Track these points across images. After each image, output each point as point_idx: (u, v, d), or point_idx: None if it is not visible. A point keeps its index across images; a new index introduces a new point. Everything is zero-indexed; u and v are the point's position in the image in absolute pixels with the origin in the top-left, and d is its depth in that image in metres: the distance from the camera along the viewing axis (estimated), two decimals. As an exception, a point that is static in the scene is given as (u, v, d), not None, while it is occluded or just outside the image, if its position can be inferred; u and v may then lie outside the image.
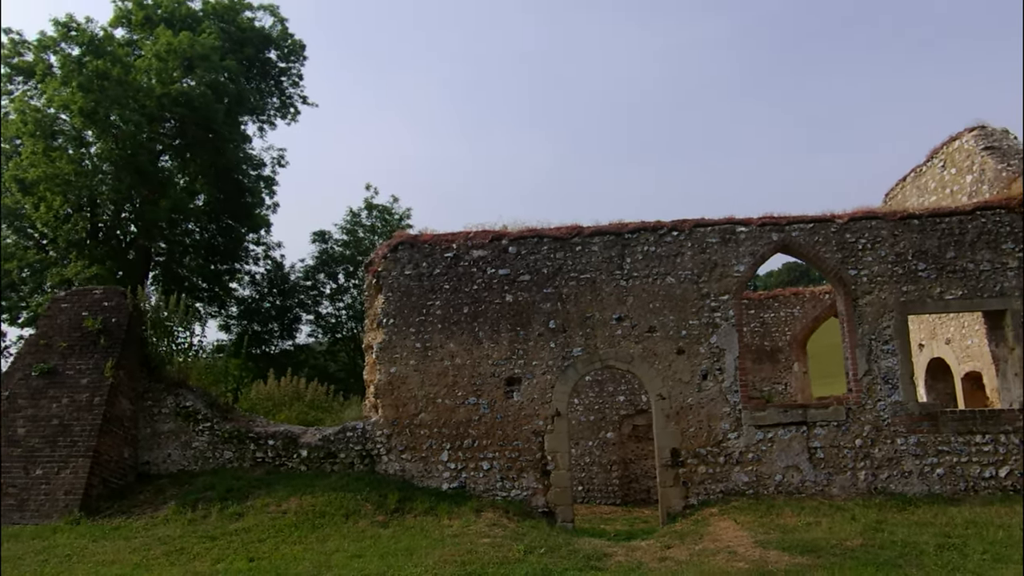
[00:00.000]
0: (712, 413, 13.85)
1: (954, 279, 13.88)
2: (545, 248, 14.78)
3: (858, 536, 10.79)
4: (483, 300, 14.63)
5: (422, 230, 15.45)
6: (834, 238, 14.22)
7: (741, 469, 13.64)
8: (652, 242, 14.58)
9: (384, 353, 14.58)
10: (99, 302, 15.48)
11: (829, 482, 13.45)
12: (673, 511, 13.49)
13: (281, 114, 40.56)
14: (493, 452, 14.01)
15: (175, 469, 14.84)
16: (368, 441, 14.34)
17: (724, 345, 14.06)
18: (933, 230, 14.12)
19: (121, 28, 37.06)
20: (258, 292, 39.86)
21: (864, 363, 13.77)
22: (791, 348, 22.03)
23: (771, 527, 11.59)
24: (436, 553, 10.35)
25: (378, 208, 42.10)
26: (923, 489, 13.19)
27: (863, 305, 13.93)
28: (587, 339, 14.37)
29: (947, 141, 17.40)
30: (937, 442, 13.39)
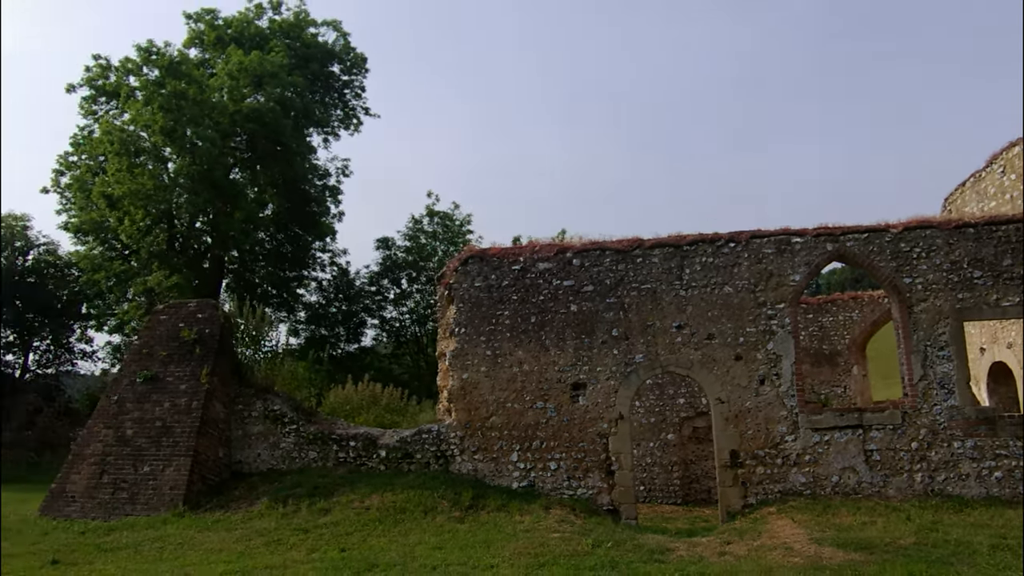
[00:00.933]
0: (769, 416, 14.44)
1: (1011, 286, 14.19)
2: (607, 260, 15.55)
3: (912, 535, 11.31)
4: (549, 310, 15.47)
5: (492, 244, 16.36)
6: (888, 247, 14.66)
7: (798, 470, 14.20)
8: (710, 253, 15.23)
9: (457, 360, 15.54)
10: (193, 314, 16.83)
11: (885, 483, 13.91)
12: (732, 510, 14.12)
13: (344, 125, 42.07)
14: (560, 453, 14.85)
15: (264, 468, 16.07)
16: (442, 443, 15.33)
17: (781, 351, 14.63)
18: (989, 238, 14.45)
19: (194, 48, 39.04)
20: (325, 298, 41.48)
21: (919, 368, 14.18)
22: (850, 351, 22.32)
23: (827, 526, 12.16)
24: (511, 546, 11.24)
25: (439, 215, 43.32)
26: (981, 492, 13.55)
27: (918, 312, 14.34)
28: (648, 346, 15.10)
29: (1007, 147, 17.60)
30: (995, 446, 13.73)
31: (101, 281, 35.91)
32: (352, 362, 37.67)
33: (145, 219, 33.73)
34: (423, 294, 42.41)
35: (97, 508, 15.10)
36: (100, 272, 35.62)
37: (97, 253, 36.74)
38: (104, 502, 15.18)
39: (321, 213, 39.54)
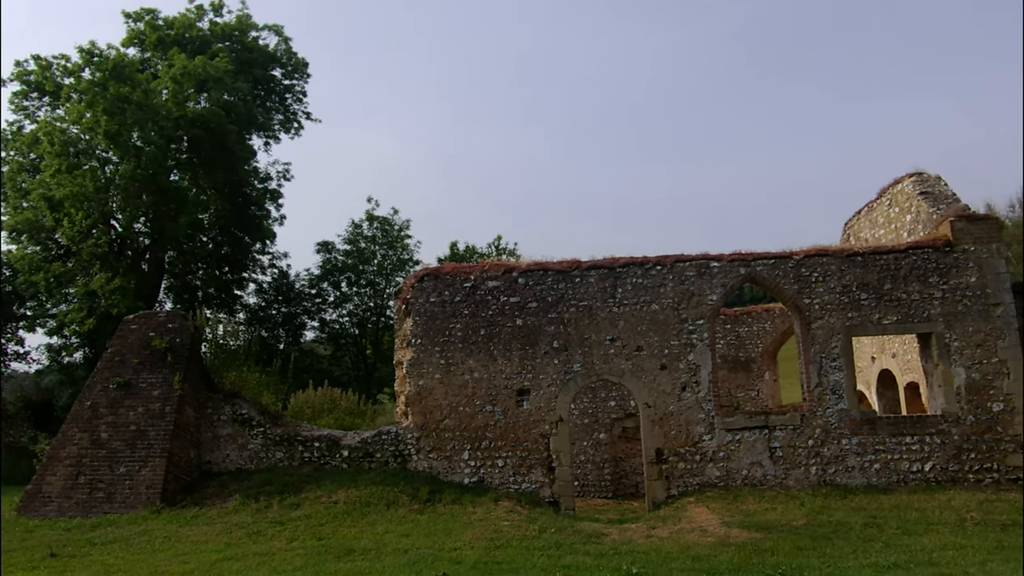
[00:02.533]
0: (690, 419, 16.57)
1: (891, 307, 16.67)
2: (549, 279, 17.44)
3: (803, 518, 13.58)
4: (497, 323, 17.26)
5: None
6: (792, 272, 16.99)
7: (714, 465, 16.37)
8: (639, 275, 17.27)
9: (413, 368, 17.19)
10: (164, 324, 17.99)
11: (786, 475, 16.20)
12: (657, 500, 16.20)
13: (285, 129, 42.85)
14: (507, 452, 16.67)
15: (233, 467, 17.38)
16: (400, 443, 16.96)
17: (700, 362, 16.77)
18: (874, 265, 16.90)
19: (133, 47, 39.24)
20: (265, 300, 42.31)
21: (816, 377, 16.54)
22: (762, 359, 24.84)
23: (736, 511, 14.34)
24: (469, 532, 13.01)
25: (379, 219, 44.63)
26: (863, 481, 15.96)
27: (815, 328, 16.70)
28: (585, 356, 17.05)
29: (892, 183, 20.22)
30: (875, 442, 16.18)
31: (40, 283, 35.94)
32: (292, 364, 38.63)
33: (85, 221, 33.98)
34: (362, 297, 43.73)
35: (75, 507, 16.17)
36: (39, 274, 35.66)
37: (31, 253, 36.69)
38: (81, 501, 16.26)
39: (262, 216, 40.31)
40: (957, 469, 15.84)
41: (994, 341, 16.18)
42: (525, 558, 11.09)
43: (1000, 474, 15.67)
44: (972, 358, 16.21)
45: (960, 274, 16.55)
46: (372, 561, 11.07)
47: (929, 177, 19.11)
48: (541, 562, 10.72)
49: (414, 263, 44.07)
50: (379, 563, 10.88)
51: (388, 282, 43.55)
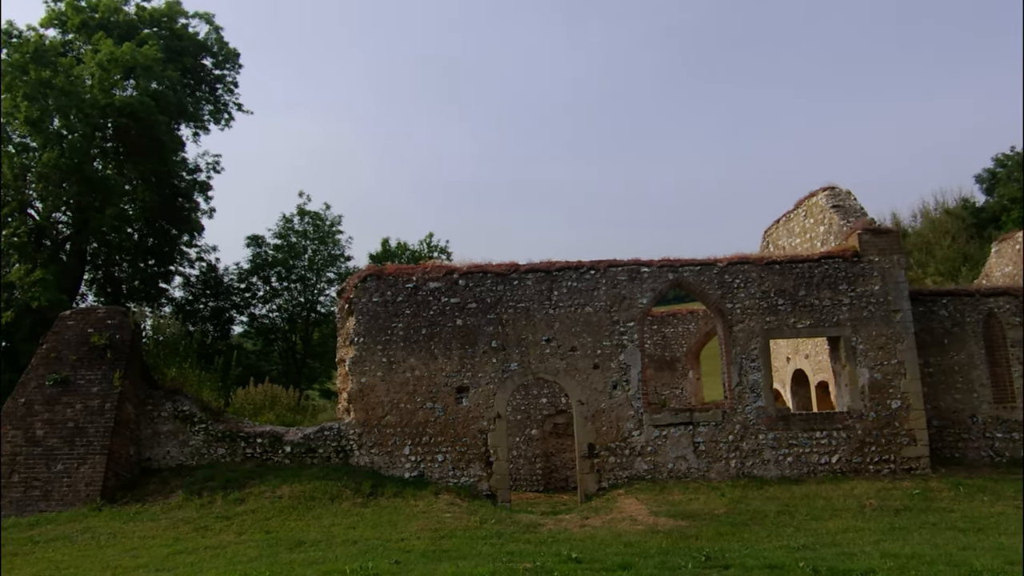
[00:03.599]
0: (620, 415, 17.57)
1: (804, 312, 18.02)
2: (489, 282, 18.16)
3: (724, 507, 14.73)
4: (438, 323, 17.89)
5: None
6: (716, 278, 18.16)
7: (642, 459, 17.41)
8: (575, 278, 18.17)
9: (356, 366, 17.67)
10: (103, 320, 17.93)
11: (708, 468, 17.37)
12: (589, 493, 17.15)
13: (215, 120, 42.18)
14: (446, 447, 17.34)
15: (174, 464, 17.52)
16: (342, 439, 17.43)
17: (630, 362, 17.79)
18: (790, 273, 18.23)
19: (53, 29, 38.00)
20: (192, 294, 41.68)
21: (736, 376, 17.76)
22: (687, 358, 26.17)
23: (663, 502, 15.40)
24: (413, 524, 13.65)
25: (310, 215, 44.47)
26: (777, 473, 17.26)
27: (736, 331, 17.92)
28: (522, 356, 17.85)
29: (808, 196, 21.70)
30: (788, 437, 17.50)
31: (-48, 273, 34.60)
32: (221, 358, 38.27)
33: (1, 210, 32.93)
34: (292, 292, 43.55)
35: (8, 506, 16.03)
36: (-48, 264, 34.32)
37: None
38: (15, 500, 16.14)
39: (191, 209, 39.70)
40: (860, 461, 17.30)
41: (894, 344, 17.71)
42: (470, 547, 11.80)
43: (896, 465, 17.20)
44: (875, 360, 17.71)
45: (866, 282, 18.03)
46: (324, 551, 11.58)
47: (841, 191, 20.62)
48: (486, 550, 11.45)
49: (345, 259, 44.18)
50: (331, 553, 11.40)
51: (319, 277, 43.53)
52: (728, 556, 10.39)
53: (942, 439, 18.61)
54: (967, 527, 12.73)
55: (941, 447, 18.45)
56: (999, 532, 12.20)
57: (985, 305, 19.31)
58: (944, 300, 19.48)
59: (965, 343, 19.12)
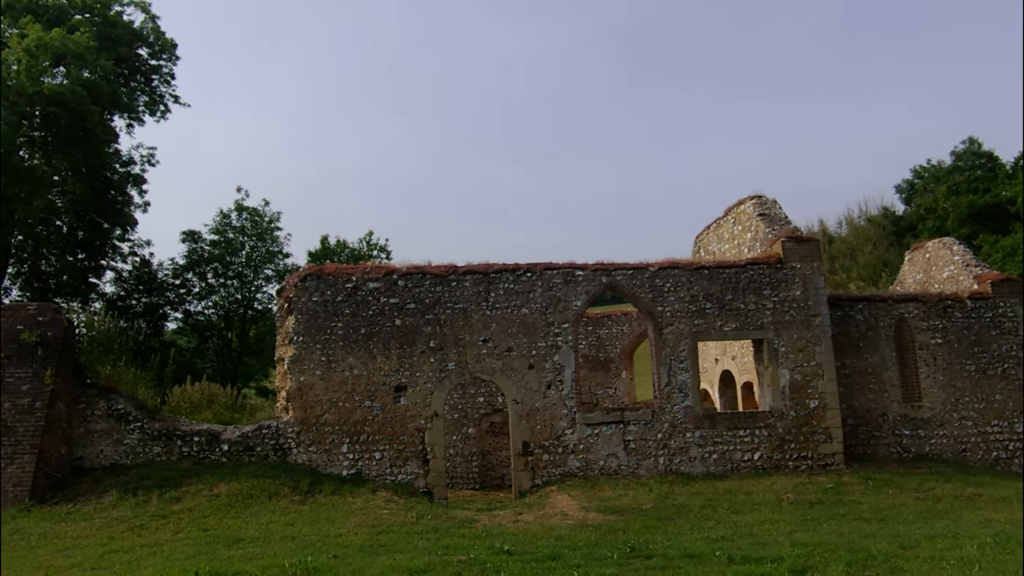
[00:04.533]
0: (554, 414, 18.14)
1: (731, 315, 18.88)
2: (427, 283, 18.52)
3: (652, 502, 15.42)
4: (377, 323, 18.18)
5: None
6: (648, 282, 18.89)
7: (575, 457, 18.01)
8: (511, 280, 18.67)
9: (295, 365, 17.82)
10: (34, 317, 17.66)
11: (638, 465, 18.07)
12: (523, 489, 17.67)
13: (151, 111, 41.33)
14: (384, 445, 17.64)
15: (107, 463, 17.38)
16: (281, 437, 17.56)
17: (564, 362, 18.37)
18: (718, 278, 19.07)
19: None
20: (124, 289, 40.81)
21: (666, 377, 18.51)
22: (621, 359, 26.95)
23: (593, 498, 16.01)
24: (351, 520, 13.94)
25: (248, 210, 44.00)
26: (703, 470, 18.07)
27: (666, 333, 18.67)
28: (459, 356, 18.26)
29: (736, 203, 22.65)
30: (714, 435, 18.32)
31: None
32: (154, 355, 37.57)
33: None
34: (229, 289, 43.03)
35: (-67, 505, 15.69)
36: None
37: None
38: (-60, 500, 15.79)
39: (124, 202, 38.90)
40: (780, 458, 18.24)
41: (813, 347, 18.71)
42: (407, 541, 12.18)
43: (814, 461, 18.19)
44: (795, 361, 18.67)
45: (788, 288, 18.98)
46: (263, 547, 11.80)
47: (767, 200, 21.61)
48: (422, 544, 11.84)
49: (284, 255, 43.86)
50: (270, 549, 11.63)
51: (257, 274, 43.12)
52: (651, 547, 11.01)
53: (856, 436, 19.73)
54: (872, 517, 13.69)
55: (855, 444, 19.55)
56: (899, 521, 13.18)
57: (897, 310, 20.52)
58: (860, 305, 20.64)
59: (878, 346, 20.30)
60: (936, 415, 20.02)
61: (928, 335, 20.32)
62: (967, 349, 20.40)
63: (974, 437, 19.96)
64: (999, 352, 20.41)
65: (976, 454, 19.84)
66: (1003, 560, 9.31)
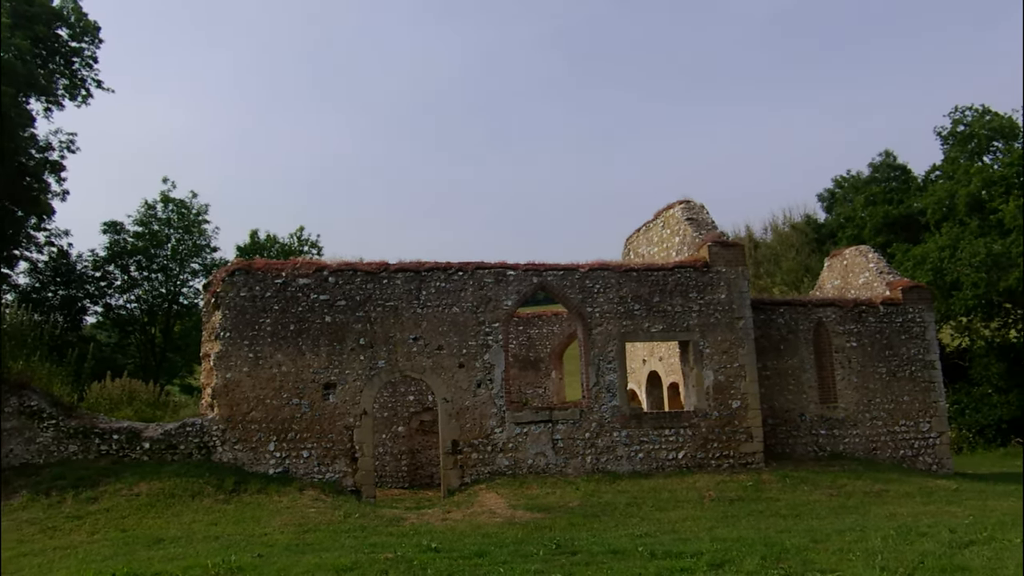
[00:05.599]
0: (484, 413, 18.25)
1: (658, 317, 19.32)
2: (359, 280, 18.40)
3: (578, 500, 15.67)
4: (306, 320, 17.96)
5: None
6: (578, 283, 19.17)
7: (503, 455, 18.16)
8: (443, 279, 18.70)
9: (221, 361, 17.47)
10: (-59, 309, 16.85)
11: (566, 464, 18.33)
12: (452, 488, 17.72)
13: (71, 95, 39.74)
14: (312, 443, 17.45)
15: (18, 463, 16.68)
16: (205, 435, 17.19)
17: (494, 361, 18.50)
18: (646, 280, 19.48)
19: None
20: (40, 281, 39.20)
21: (594, 377, 18.83)
22: (551, 359, 27.24)
23: (521, 496, 16.19)
24: (277, 519, 13.77)
25: (175, 202, 42.76)
26: (629, 468, 18.45)
27: (595, 334, 18.99)
28: (390, 354, 18.21)
29: (666, 207, 23.17)
30: (640, 435, 18.73)
31: None
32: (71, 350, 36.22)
33: None
34: (153, 283, 41.77)
35: None
36: None
37: None
38: None
39: (40, 189, 37.33)
40: (703, 456, 18.76)
41: (736, 349, 19.30)
42: (333, 540, 12.11)
43: (735, 459, 18.78)
44: (719, 363, 19.23)
45: (713, 291, 19.54)
46: (184, 547, 11.56)
47: (695, 205, 22.18)
48: (349, 542, 11.79)
49: (212, 249, 42.82)
50: (191, 549, 11.41)
51: (183, 268, 41.97)
52: (577, 544, 11.22)
53: (775, 436, 20.45)
54: (788, 513, 14.24)
55: (774, 443, 20.26)
56: (812, 517, 13.75)
57: (816, 314, 21.35)
58: (781, 309, 21.39)
59: (798, 349, 21.08)
60: (850, 415, 20.92)
61: (844, 339, 21.20)
62: (879, 352, 21.37)
63: (884, 436, 20.93)
64: (908, 355, 21.45)
65: (885, 452, 20.81)
66: (903, 551, 9.83)
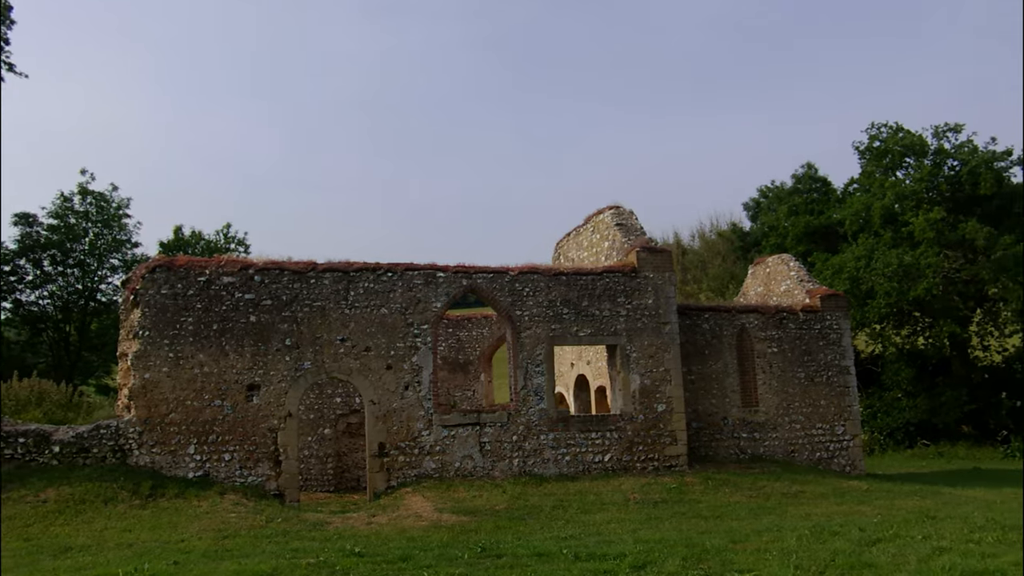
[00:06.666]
0: (411, 415, 18.12)
1: (586, 321, 19.54)
2: (285, 279, 18.05)
3: (505, 503, 15.70)
4: (230, 319, 17.52)
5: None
6: (507, 286, 19.23)
7: (431, 458, 18.07)
8: (372, 280, 18.50)
9: (139, 361, 16.88)
10: None
11: (493, 467, 18.35)
12: (378, 491, 17.53)
13: (-25, 77, 37.93)
14: (234, 446, 17.02)
15: (-85, 465, 15.76)
16: (120, 437, 16.57)
17: (422, 363, 18.40)
18: (575, 284, 19.68)
19: None
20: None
21: (522, 380, 18.90)
22: (480, 362, 27.21)
23: (448, 499, 16.12)
24: (196, 525, 13.36)
25: (94, 195, 41.16)
26: (555, 471, 18.58)
27: (524, 337, 19.08)
28: (316, 355, 17.91)
29: (596, 212, 23.45)
30: (567, 438, 18.89)
31: None
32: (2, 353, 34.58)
33: None
34: (68, 278, 40.10)
35: None
36: None
37: None
38: None
39: (-56, 180, 35.49)
40: (629, 459, 19.04)
41: (662, 353, 19.66)
42: (254, 545, 11.81)
43: (660, 462, 19.12)
44: (646, 367, 19.56)
45: (641, 296, 19.86)
46: (94, 556, 11.11)
47: (624, 211, 22.51)
48: (270, 548, 11.52)
49: (133, 245, 41.37)
50: (102, 557, 10.96)
51: (101, 263, 40.44)
52: (502, 547, 11.23)
53: (699, 439, 20.91)
54: (709, 515, 14.56)
55: (698, 446, 20.71)
56: (733, 518, 14.10)
57: (739, 321, 21.93)
58: (706, 315, 21.89)
59: (722, 354, 21.61)
60: (770, 419, 21.55)
61: (766, 344, 21.83)
62: (799, 358, 22.09)
63: (801, 439, 21.64)
64: (825, 361, 22.23)
65: (803, 454, 21.52)
66: (816, 550, 10.17)
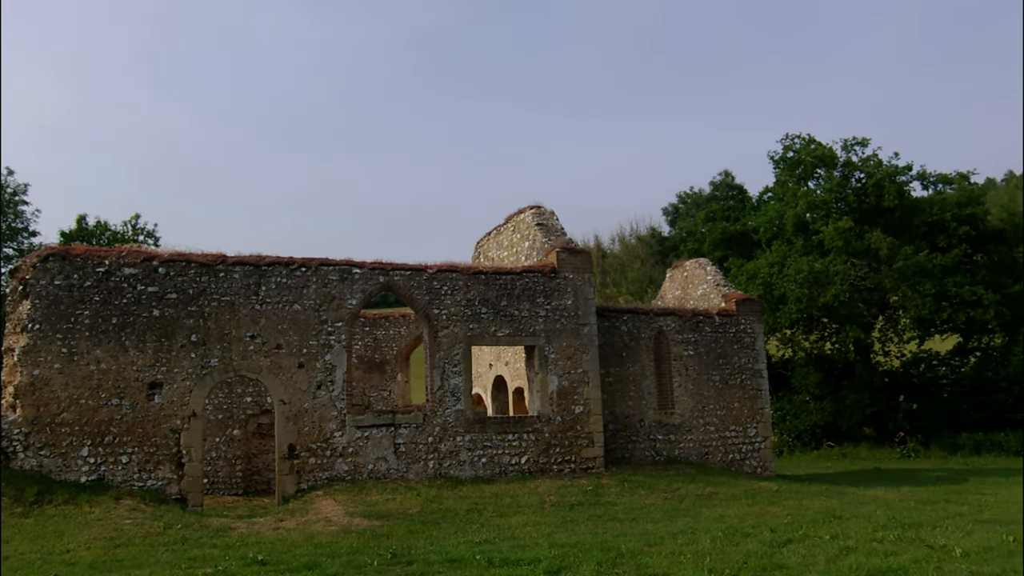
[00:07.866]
0: (323, 416, 17.52)
1: (505, 321, 19.32)
2: (192, 272, 17.18)
3: (419, 506, 15.31)
4: (131, 313, 16.56)
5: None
6: (425, 284, 18.84)
7: (343, 460, 17.50)
8: (284, 275, 17.82)
9: (27, 356, 15.75)
10: None
11: (408, 469, 17.92)
12: (287, 494, 16.87)
13: None
14: (133, 448, 16.08)
15: None
16: (4, 439, 15.41)
17: (336, 362, 17.82)
18: (494, 283, 19.43)
19: None
20: None
21: (439, 380, 18.54)
22: (396, 361, 26.68)
23: (360, 503, 15.61)
24: (85, 533, 12.49)
25: (-18, 180, 38.63)
26: (472, 473, 18.28)
27: (441, 337, 18.72)
28: (224, 352, 17.11)
29: (517, 212, 23.27)
30: (484, 439, 18.62)
31: None
32: None
33: None
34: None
35: None
36: None
37: None
38: None
39: None
40: (546, 461, 18.91)
41: (580, 355, 19.61)
42: (148, 554, 11.08)
43: (577, 464, 19.06)
44: (564, 368, 19.47)
45: (560, 297, 19.77)
46: (-34, 568, 10.21)
47: (545, 211, 22.41)
48: (166, 557, 10.83)
49: (31, 234, 39.02)
50: (-24, 569, 10.09)
51: (-7, 253, 37.95)
52: (414, 553, 10.87)
53: (616, 441, 20.96)
54: (625, 517, 14.51)
55: (615, 448, 20.76)
56: (648, 520, 14.08)
57: (657, 323, 22.11)
58: (625, 317, 22.00)
59: (639, 356, 21.74)
60: (686, 421, 21.80)
61: (682, 347, 22.08)
62: (714, 361, 22.44)
63: (715, 441, 21.98)
64: (739, 364, 22.66)
65: (716, 456, 21.85)
66: (729, 551, 10.20)
